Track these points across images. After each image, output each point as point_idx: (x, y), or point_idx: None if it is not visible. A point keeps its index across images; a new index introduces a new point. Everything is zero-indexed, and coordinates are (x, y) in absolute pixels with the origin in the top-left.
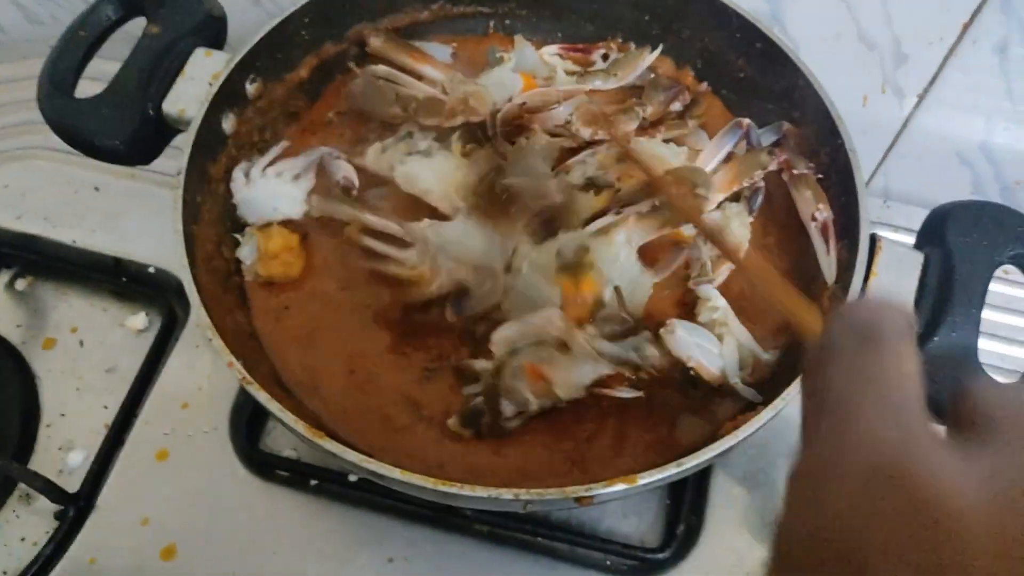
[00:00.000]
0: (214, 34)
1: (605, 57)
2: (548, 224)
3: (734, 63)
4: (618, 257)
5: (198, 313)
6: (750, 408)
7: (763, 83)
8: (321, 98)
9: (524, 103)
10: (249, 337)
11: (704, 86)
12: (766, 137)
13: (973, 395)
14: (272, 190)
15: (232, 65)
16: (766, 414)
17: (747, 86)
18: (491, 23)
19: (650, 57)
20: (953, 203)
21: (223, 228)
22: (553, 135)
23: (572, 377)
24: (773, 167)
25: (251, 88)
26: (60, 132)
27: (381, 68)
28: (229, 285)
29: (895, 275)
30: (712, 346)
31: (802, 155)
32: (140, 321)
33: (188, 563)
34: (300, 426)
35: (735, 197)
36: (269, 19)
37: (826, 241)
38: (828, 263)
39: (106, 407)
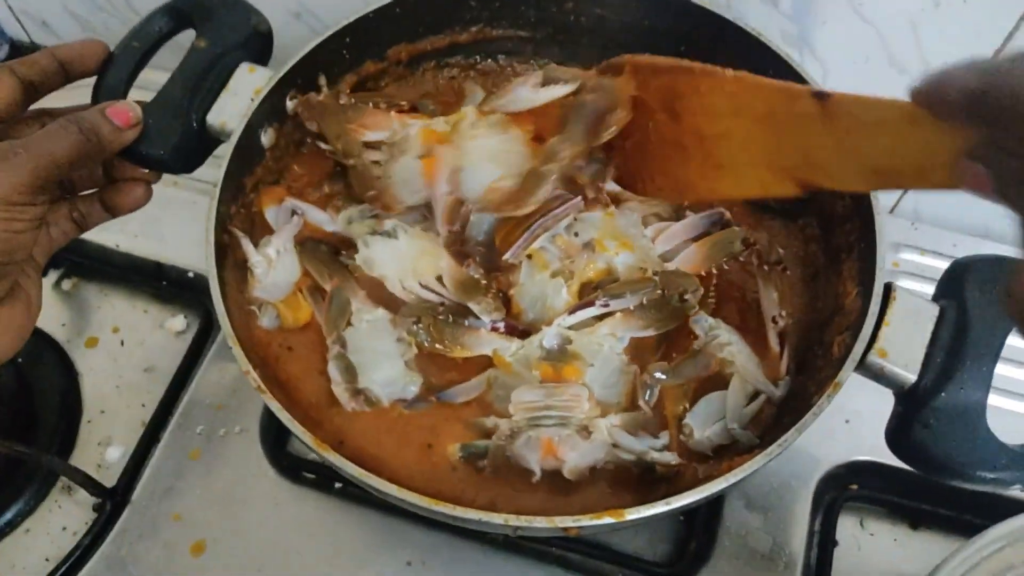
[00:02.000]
0: (260, 49)
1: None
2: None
3: None
4: (601, 349)
5: (222, 322)
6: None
7: None
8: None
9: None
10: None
11: None
12: None
13: None
14: (287, 264)
15: (273, 82)
16: (759, 461)
17: None
18: (529, 48)
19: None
20: (973, 257)
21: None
22: None
23: (584, 461)
24: (743, 256)
25: (291, 104)
26: None
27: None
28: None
29: (908, 327)
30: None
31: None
32: (179, 323)
33: (216, 559)
34: (308, 437)
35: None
36: (310, 33)
37: (781, 346)
38: (782, 366)
39: (144, 405)
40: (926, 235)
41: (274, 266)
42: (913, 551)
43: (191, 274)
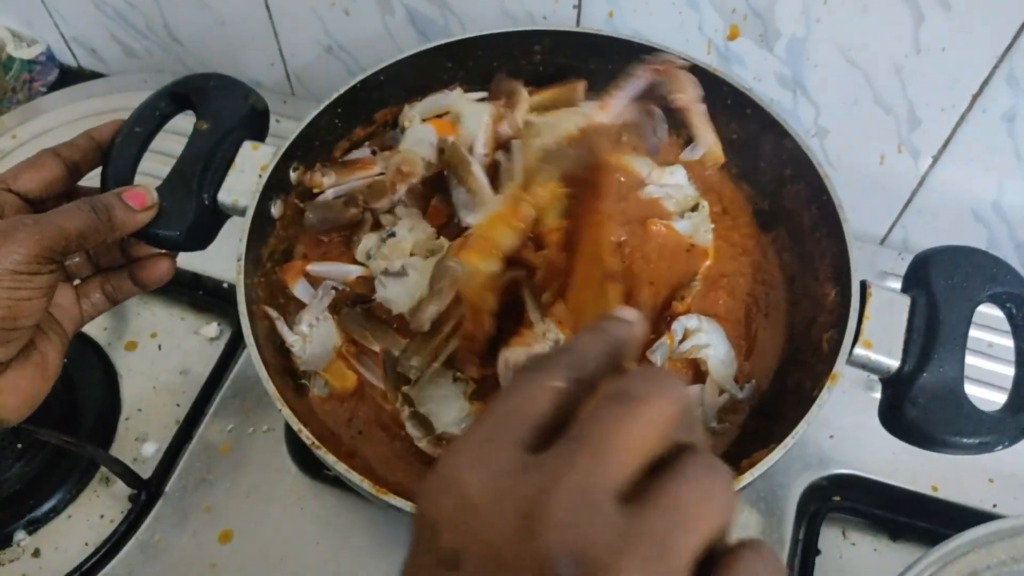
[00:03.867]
0: (258, 126)
1: None
2: None
3: (727, 127)
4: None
5: (268, 387)
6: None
7: (754, 144)
8: None
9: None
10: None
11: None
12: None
13: None
14: (324, 333)
15: (278, 158)
16: (777, 453)
17: (740, 146)
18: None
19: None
20: (934, 249)
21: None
22: None
23: None
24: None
25: (294, 175)
26: None
27: (321, 197)
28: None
29: (886, 318)
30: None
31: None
32: (213, 330)
33: (242, 547)
34: (366, 484)
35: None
36: (341, 67)
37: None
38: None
39: (178, 405)
40: None
41: (310, 340)
42: (892, 561)
43: (225, 284)
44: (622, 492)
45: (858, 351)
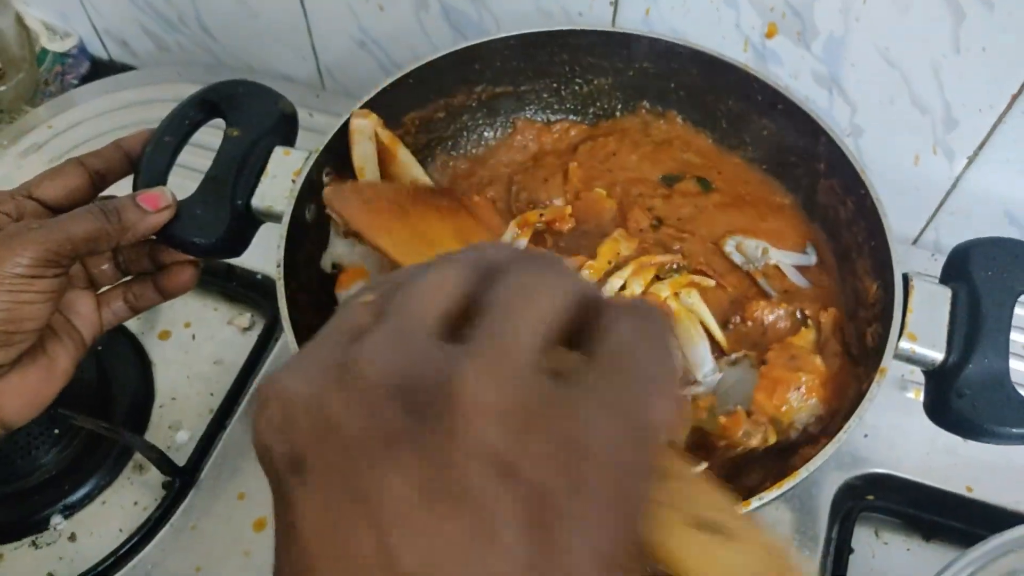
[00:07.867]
0: (288, 131)
1: None
2: None
3: (757, 122)
4: None
5: None
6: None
7: (787, 139)
8: None
9: None
10: None
11: None
12: None
13: None
14: None
15: (310, 163)
16: (829, 448)
17: (772, 142)
18: (531, 97)
19: None
20: (972, 240)
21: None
22: None
23: None
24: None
25: (326, 180)
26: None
27: None
28: None
29: (928, 310)
30: None
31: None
32: (246, 321)
33: None
34: None
35: None
36: (373, 62)
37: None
38: None
39: (212, 394)
40: None
41: None
42: (925, 561)
43: (259, 276)
44: (439, 329)
45: (903, 344)
